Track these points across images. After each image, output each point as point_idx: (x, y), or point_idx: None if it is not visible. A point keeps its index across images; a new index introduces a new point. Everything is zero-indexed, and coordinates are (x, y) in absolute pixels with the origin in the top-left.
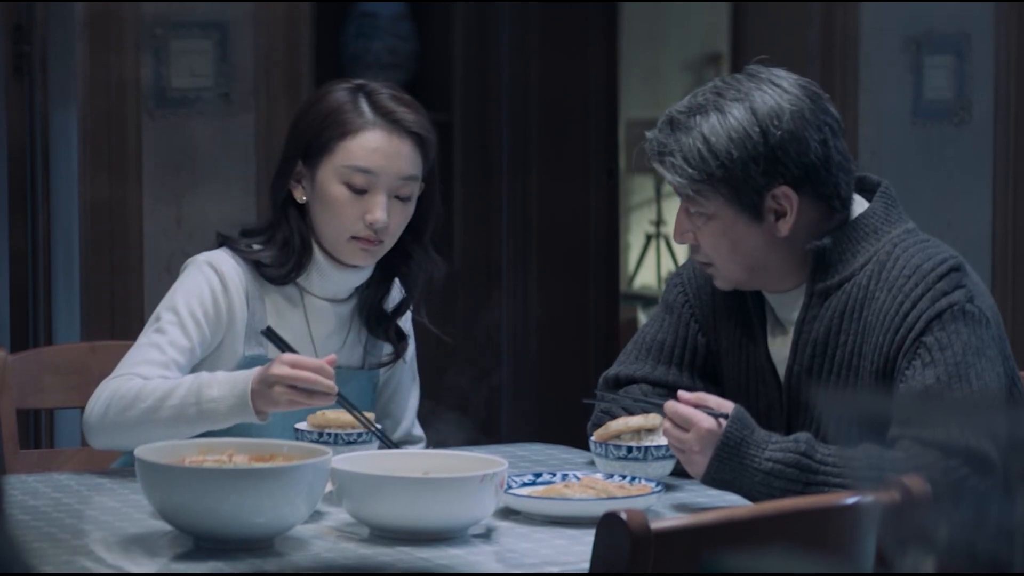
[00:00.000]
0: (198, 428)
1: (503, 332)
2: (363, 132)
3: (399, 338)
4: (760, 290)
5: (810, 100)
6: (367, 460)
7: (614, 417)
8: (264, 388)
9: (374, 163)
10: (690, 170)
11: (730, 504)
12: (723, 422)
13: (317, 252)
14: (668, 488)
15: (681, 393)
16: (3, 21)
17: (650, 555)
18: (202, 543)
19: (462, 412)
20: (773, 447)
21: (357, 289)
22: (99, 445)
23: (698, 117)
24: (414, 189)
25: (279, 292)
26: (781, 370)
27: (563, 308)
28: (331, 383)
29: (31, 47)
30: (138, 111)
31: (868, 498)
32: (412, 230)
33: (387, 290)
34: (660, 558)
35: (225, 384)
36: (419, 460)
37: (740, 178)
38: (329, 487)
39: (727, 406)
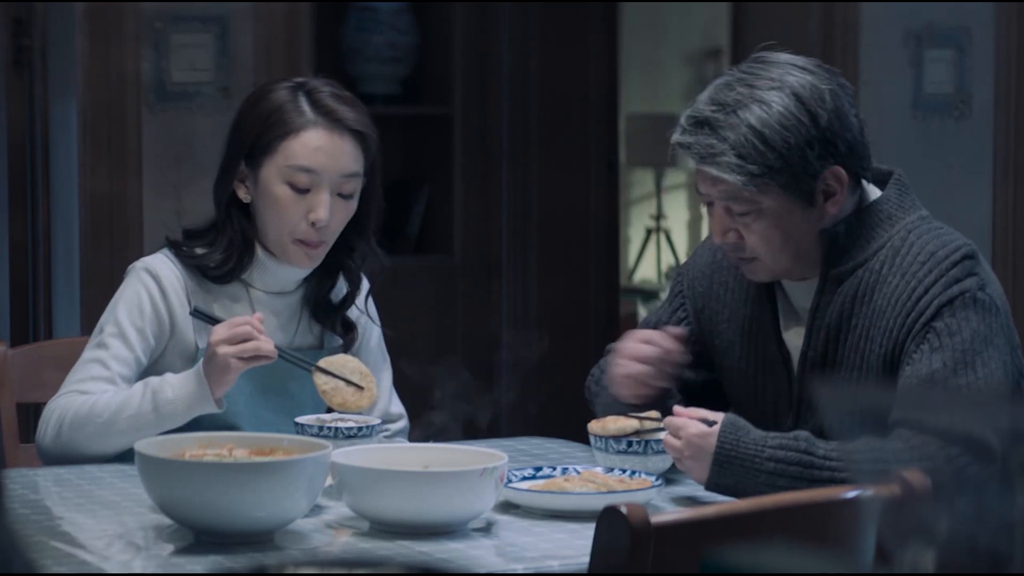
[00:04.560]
0: (157, 431)
1: (503, 325)
2: (304, 131)
3: (346, 330)
4: (781, 279)
5: (834, 76)
6: (367, 454)
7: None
8: (213, 366)
9: (316, 162)
10: (749, 166)
11: (730, 498)
12: (713, 428)
13: (259, 249)
14: (668, 482)
15: (676, 408)
16: (3, 15)
17: (650, 549)
18: (202, 537)
19: (461, 406)
20: (772, 446)
21: (303, 280)
22: (52, 463)
23: (739, 112)
24: (356, 186)
25: (223, 291)
26: (795, 359)
27: (563, 302)
28: (265, 336)
29: (31, 40)
30: (138, 104)
31: (868, 492)
32: (355, 224)
33: (333, 283)
34: (660, 552)
35: (178, 384)
36: (419, 454)
37: (798, 165)
38: (329, 481)
39: (719, 415)
